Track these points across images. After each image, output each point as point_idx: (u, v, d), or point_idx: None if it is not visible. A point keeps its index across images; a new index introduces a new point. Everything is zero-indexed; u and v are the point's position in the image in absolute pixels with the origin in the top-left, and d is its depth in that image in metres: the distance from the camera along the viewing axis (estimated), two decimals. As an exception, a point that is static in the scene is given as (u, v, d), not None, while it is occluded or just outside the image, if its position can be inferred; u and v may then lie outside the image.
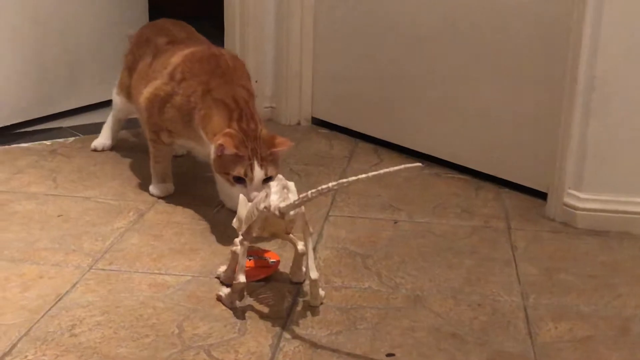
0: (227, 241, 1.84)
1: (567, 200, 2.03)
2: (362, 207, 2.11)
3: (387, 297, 1.65)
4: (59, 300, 1.59)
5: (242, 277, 1.55)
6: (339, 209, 2.09)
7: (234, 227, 1.65)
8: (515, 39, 2.19)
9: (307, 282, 1.62)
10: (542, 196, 2.14)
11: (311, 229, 1.60)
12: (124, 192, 2.15)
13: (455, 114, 2.37)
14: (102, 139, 2.43)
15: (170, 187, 2.12)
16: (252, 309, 1.59)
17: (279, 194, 1.51)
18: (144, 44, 2.23)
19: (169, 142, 2.06)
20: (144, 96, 2.04)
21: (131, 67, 2.23)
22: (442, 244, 1.91)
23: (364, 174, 1.39)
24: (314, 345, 1.48)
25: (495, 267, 1.80)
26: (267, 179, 1.80)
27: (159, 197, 2.09)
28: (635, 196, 2.00)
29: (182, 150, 2.32)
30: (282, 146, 1.84)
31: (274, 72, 2.82)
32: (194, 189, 2.16)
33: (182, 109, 1.96)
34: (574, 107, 1.99)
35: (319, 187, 1.43)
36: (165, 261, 1.77)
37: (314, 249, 1.82)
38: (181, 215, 2.01)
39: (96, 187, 2.18)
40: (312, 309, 1.60)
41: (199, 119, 1.91)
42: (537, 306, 1.65)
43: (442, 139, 2.42)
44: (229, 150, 1.79)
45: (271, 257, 1.75)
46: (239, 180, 1.81)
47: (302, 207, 1.52)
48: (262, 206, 1.52)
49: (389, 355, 1.46)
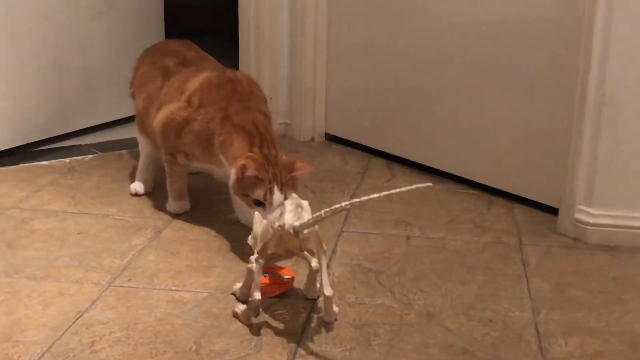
0: (242, 258, 1.88)
1: (578, 215, 2.06)
2: (376, 223, 2.14)
3: (400, 314, 1.68)
4: (79, 317, 1.63)
5: (257, 294, 1.59)
6: (353, 225, 2.12)
7: (249, 245, 1.68)
8: (526, 56, 2.21)
9: (321, 299, 1.65)
10: (554, 211, 2.16)
11: (325, 246, 1.63)
12: (141, 210, 2.19)
13: (467, 129, 2.40)
14: (136, 185, 2.29)
15: (186, 205, 2.16)
16: (267, 325, 1.62)
17: (294, 212, 1.54)
18: (149, 67, 2.22)
19: (185, 164, 2.09)
20: (159, 120, 2.06)
21: (139, 95, 2.21)
22: (454, 260, 1.94)
23: (376, 194, 1.42)
24: (329, 361, 1.51)
25: (506, 283, 1.83)
26: None
27: (175, 214, 2.13)
28: (646, 211, 2.02)
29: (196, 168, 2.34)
30: (301, 171, 1.86)
31: (288, 88, 2.86)
32: (210, 206, 2.20)
33: (201, 134, 1.98)
34: (584, 123, 2.01)
35: (333, 207, 1.46)
36: (182, 278, 1.81)
37: (328, 266, 1.85)
38: (198, 232, 2.05)
39: (114, 204, 2.22)
40: (327, 325, 1.63)
41: (219, 144, 1.93)
42: (548, 322, 1.67)
43: (454, 154, 2.45)
44: (251, 171, 1.81)
45: (286, 274, 1.78)
46: (258, 203, 1.83)
47: (316, 226, 1.55)
48: (276, 225, 1.55)
49: (402, 371, 1.49)
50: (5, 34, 2.55)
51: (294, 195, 1.62)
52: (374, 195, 1.42)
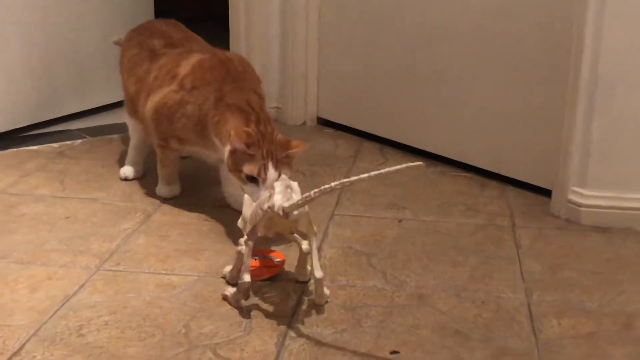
0: (232, 241, 1.86)
1: (572, 197, 2.04)
2: (367, 206, 2.12)
3: (391, 296, 1.67)
4: (67, 301, 1.61)
5: (247, 277, 1.57)
6: (344, 208, 2.11)
7: (239, 227, 1.67)
8: (517, 37, 2.19)
9: (312, 281, 1.63)
10: (547, 193, 2.15)
11: (315, 229, 1.61)
12: (130, 194, 2.17)
13: (459, 112, 2.38)
14: (125, 169, 2.27)
15: (176, 189, 2.13)
16: (257, 308, 1.61)
17: (283, 193, 1.52)
18: (137, 49, 2.18)
19: (178, 148, 2.06)
20: (150, 106, 2.02)
21: (128, 78, 2.17)
22: (446, 242, 1.92)
23: (366, 174, 1.40)
24: (319, 343, 1.49)
25: (499, 265, 1.81)
26: None
27: (165, 199, 2.11)
28: (639, 193, 2.00)
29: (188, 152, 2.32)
30: (298, 148, 1.83)
31: (280, 72, 2.84)
32: (200, 191, 2.18)
33: (194, 117, 1.94)
34: (577, 104, 1.99)
35: (322, 187, 1.44)
36: (171, 262, 1.79)
37: (319, 248, 1.83)
38: (187, 216, 2.03)
39: (103, 188, 2.20)
40: (317, 307, 1.61)
41: (212, 126, 1.90)
42: (541, 303, 1.65)
43: (446, 137, 2.43)
44: (239, 144, 1.78)
45: (276, 257, 1.77)
46: (252, 179, 1.81)
47: (306, 207, 1.54)
48: (265, 206, 1.53)
49: (393, 352, 1.47)
50: (-8, 18, 2.52)
51: (284, 176, 1.60)
52: (364, 175, 1.41)
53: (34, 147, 2.52)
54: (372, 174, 1.40)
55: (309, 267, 1.68)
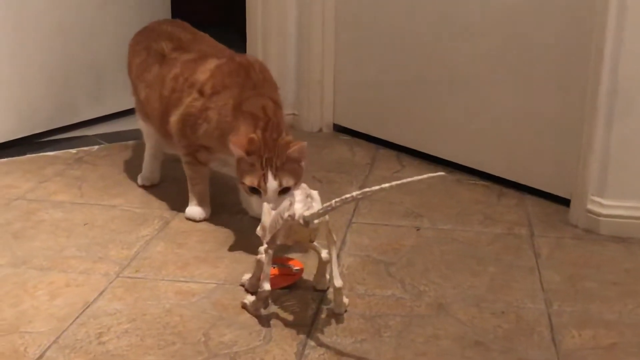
0: (251, 249, 1.86)
1: (591, 206, 2.03)
2: (385, 214, 2.12)
3: (410, 305, 1.66)
4: (87, 308, 1.62)
5: (266, 285, 1.57)
6: (362, 216, 2.10)
7: (257, 235, 1.66)
8: (537, 45, 2.19)
9: (331, 290, 1.63)
10: (565, 202, 2.14)
11: (335, 237, 1.61)
12: (148, 200, 2.17)
13: (476, 120, 2.38)
14: (143, 176, 2.27)
15: (208, 211, 2.05)
16: (276, 316, 1.61)
17: (303, 202, 1.52)
18: (145, 54, 2.14)
19: (207, 160, 2.02)
20: (173, 120, 1.99)
21: (139, 84, 2.15)
22: (465, 251, 1.91)
23: (387, 183, 1.40)
24: (339, 353, 1.49)
25: (518, 275, 1.81)
26: (284, 190, 1.79)
27: (195, 221, 2.04)
28: (659, 202, 1.99)
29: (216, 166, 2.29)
30: (293, 147, 1.79)
31: (296, 79, 2.84)
32: (218, 197, 2.18)
33: (214, 122, 1.93)
34: (596, 112, 1.98)
35: (343, 197, 1.44)
36: (190, 269, 1.79)
37: (338, 257, 1.83)
38: (205, 223, 2.03)
39: (121, 195, 2.20)
40: (337, 316, 1.61)
41: (229, 131, 1.89)
42: (561, 313, 1.65)
43: (464, 145, 2.42)
44: (237, 151, 1.77)
45: (295, 265, 1.77)
46: (254, 190, 1.80)
47: (326, 216, 1.53)
48: (286, 215, 1.53)
49: (413, 363, 1.47)
50: (10, 24, 2.53)
51: (304, 185, 1.60)
52: (386, 185, 1.40)
53: (51, 153, 2.53)
54: (394, 184, 1.40)
55: (327, 276, 1.68)
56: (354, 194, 1.43)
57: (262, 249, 1.61)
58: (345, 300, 1.63)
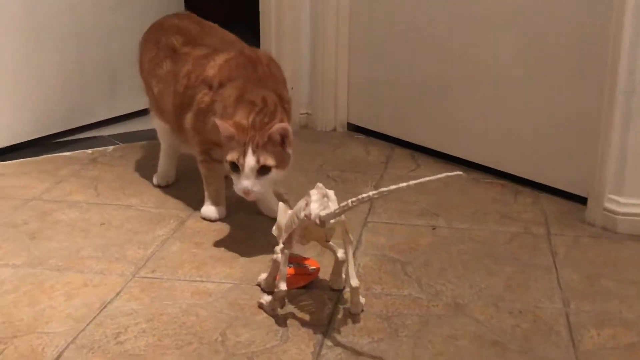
0: (266, 248, 1.85)
1: (608, 205, 2.02)
2: (401, 213, 2.11)
3: (427, 305, 1.66)
4: (104, 308, 1.62)
5: (283, 285, 1.57)
6: (378, 215, 2.10)
7: (273, 235, 1.66)
8: (554, 43, 2.17)
9: (347, 290, 1.63)
10: (582, 201, 2.13)
11: (351, 237, 1.60)
12: (164, 200, 2.17)
13: (493, 118, 2.37)
14: (158, 175, 2.28)
15: (223, 210, 2.05)
16: (293, 316, 1.60)
17: (319, 202, 1.52)
18: (155, 49, 2.14)
19: (220, 158, 1.97)
20: (189, 116, 2.00)
21: (151, 80, 2.15)
22: (481, 250, 1.91)
23: (404, 183, 1.39)
24: (356, 353, 1.48)
25: (536, 274, 1.80)
26: (263, 170, 1.77)
27: (210, 221, 2.04)
28: (677, 201, 1.98)
29: None
30: (274, 127, 1.76)
31: (310, 78, 2.84)
32: (233, 197, 2.16)
33: (218, 114, 1.92)
34: (614, 110, 1.97)
35: (360, 196, 1.43)
36: (206, 269, 1.79)
37: (354, 256, 1.82)
38: (221, 222, 2.03)
39: (137, 195, 2.21)
40: (353, 316, 1.61)
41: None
42: (579, 313, 1.64)
43: (479, 143, 2.41)
44: (225, 130, 1.76)
45: (311, 265, 1.76)
46: (234, 168, 1.78)
47: (342, 216, 1.53)
48: (302, 215, 1.53)
49: (431, 363, 1.46)
50: (26, 26, 2.54)
51: (319, 184, 1.60)
52: (403, 184, 1.39)
53: (67, 154, 2.54)
54: (412, 183, 1.39)
55: (344, 275, 1.68)
56: (371, 193, 1.43)
57: (278, 248, 1.60)
58: (361, 299, 1.62)
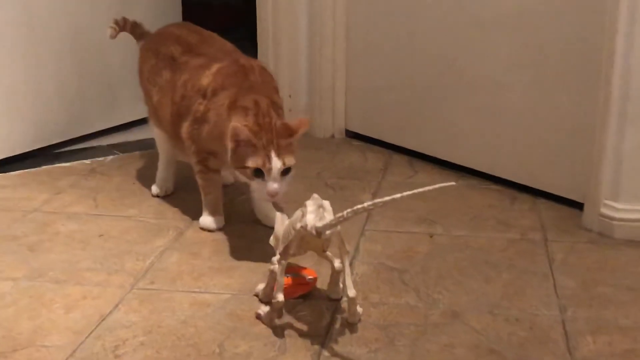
0: (265, 258, 1.86)
1: (604, 210, 2.03)
2: (398, 221, 2.12)
3: (425, 314, 1.66)
4: (103, 320, 1.63)
5: (280, 296, 1.57)
6: (375, 223, 2.11)
7: (270, 245, 1.67)
8: (550, 50, 2.18)
9: (345, 299, 1.64)
10: (579, 206, 2.13)
11: (347, 247, 1.61)
12: (163, 211, 2.18)
13: (489, 124, 2.38)
14: (157, 186, 2.28)
15: (222, 220, 2.06)
16: (291, 326, 1.61)
17: (315, 213, 1.52)
18: (154, 58, 2.16)
19: (217, 167, 2.02)
20: (186, 125, 2.01)
21: (151, 89, 2.17)
22: (478, 258, 1.91)
23: (398, 194, 1.40)
24: (353, 363, 1.50)
25: (532, 281, 1.80)
26: (285, 171, 1.79)
27: (209, 231, 2.05)
28: (673, 205, 1.98)
29: (230, 179, 2.30)
30: (302, 127, 1.80)
31: (308, 86, 2.84)
32: (231, 207, 2.19)
33: (212, 122, 1.93)
34: (609, 116, 1.98)
35: (355, 207, 1.44)
36: (205, 279, 1.80)
37: (351, 265, 1.83)
38: (219, 233, 2.04)
39: (136, 205, 2.22)
40: (351, 326, 1.61)
41: (225, 130, 1.86)
42: (576, 320, 1.64)
43: (476, 150, 2.42)
44: (243, 134, 1.76)
45: (308, 274, 1.77)
46: (258, 173, 1.79)
47: (338, 226, 1.54)
48: (298, 226, 1.54)
49: (427, 372, 1.47)
50: (24, 37, 2.55)
51: (315, 195, 1.61)
52: (397, 195, 1.41)
53: (66, 164, 2.55)
54: (405, 194, 1.40)
55: (341, 285, 1.69)
56: (366, 204, 1.44)
57: (275, 259, 1.61)
58: (359, 309, 1.63)
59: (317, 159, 2.59)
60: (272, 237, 1.68)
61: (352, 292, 1.59)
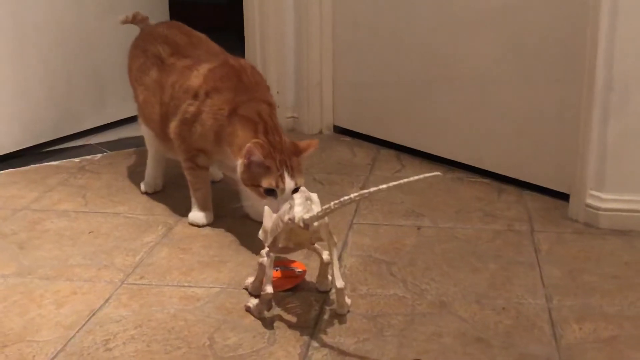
0: (254, 252, 1.88)
1: (590, 201, 2.05)
2: (386, 214, 2.14)
3: (412, 304, 1.68)
4: (93, 315, 1.64)
5: (269, 288, 1.59)
6: (363, 216, 2.12)
7: (259, 239, 1.69)
8: (533, 43, 2.20)
9: (334, 291, 1.65)
10: (565, 197, 2.16)
11: (335, 239, 1.63)
12: (152, 207, 2.19)
13: (475, 118, 2.40)
14: (146, 183, 2.30)
15: (211, 215, 2.08)
16: (280, 318, 1.63)
17: (303, 205, 1.54)
18: (142, 57, 2.17)
19: (206, 164, 2.04)
20: (173, 125, 2.02)
21: (138, 87, 2.18)
22: (466, 249, 1.93)
23: (384, 185, 1.42)
24: (342, 353, 1.51)
25: (519, 270, 1.82)
26: (295, 190, 1.82)
27: (198, 226, 2.06)
28: (657, 195, 2.01)
29: (219, 175, 2.32)
30: (310, 148, 1.87)
31: (295, 82, 2.86)
32: (220, 202, 2.20)
33: (207, 125, 1.95)
34: (592, 108, 2.00)
35: (342, 199, 1.46)
36: (194, 274, 1.81)
37: (339, 257, 1.85)
38: (208, 228, 2.06)
39: (125, 202, 2.23)
40: (339, 317, 1.63)
41: (226, 137, 1.92)
42: (561, 308, 1.66)
43: (463, 143, 2.44)
44: (257, 156, 1.80)
45: (297, 267, 1.79)
46: (270, 192, 1.83)
47: (326, 218, 1.55)
48: (286, 218, 1.55)
49: (415, 361, 1.49)
50: (12, 36, 2.56)
51: (303, 187, 1.62)
52: (383, 186, 1.42)
53: (55, 163, 2.56)
54: (391, 184, 1.42)
55: (329, 277, 1.70)
56: (352, 195, 1.45)
57: (264, 252, 1.63)
58: (347, 300, 1.65)
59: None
60: (260, 231, 1.69)
61: (340, 283, 1.60)
